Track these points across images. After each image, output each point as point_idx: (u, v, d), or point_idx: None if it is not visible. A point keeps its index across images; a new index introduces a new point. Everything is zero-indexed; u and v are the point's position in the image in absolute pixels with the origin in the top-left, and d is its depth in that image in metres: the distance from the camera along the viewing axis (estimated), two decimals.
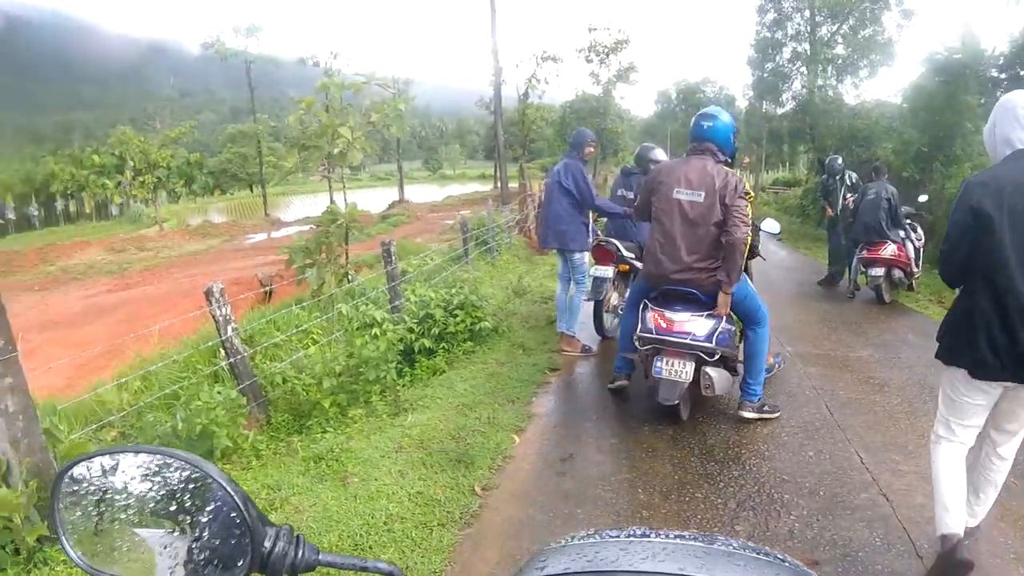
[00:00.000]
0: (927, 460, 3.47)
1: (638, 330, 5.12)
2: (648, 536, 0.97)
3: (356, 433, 5.18)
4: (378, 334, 6.22)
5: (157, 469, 0.96)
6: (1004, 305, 2.94)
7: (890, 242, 9.57)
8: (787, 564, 0.96)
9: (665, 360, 4.96)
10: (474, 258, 12.49)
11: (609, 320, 7.58)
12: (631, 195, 7.34)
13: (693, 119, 5.26)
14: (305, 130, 10.26)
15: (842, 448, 4.83)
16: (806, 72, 23.09)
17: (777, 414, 5.35)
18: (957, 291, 3.35)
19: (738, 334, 5.34)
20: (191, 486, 0.95)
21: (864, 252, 9.75)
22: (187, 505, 0.95)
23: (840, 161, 11.77)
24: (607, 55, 41.93)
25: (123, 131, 51.34)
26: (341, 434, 5.13)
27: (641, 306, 5.22)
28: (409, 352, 6.74)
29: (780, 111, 28.85)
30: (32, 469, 3.59)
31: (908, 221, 10.02)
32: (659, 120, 70.71)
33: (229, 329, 5.39)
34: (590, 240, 7.10)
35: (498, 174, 33.89)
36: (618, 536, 0.98)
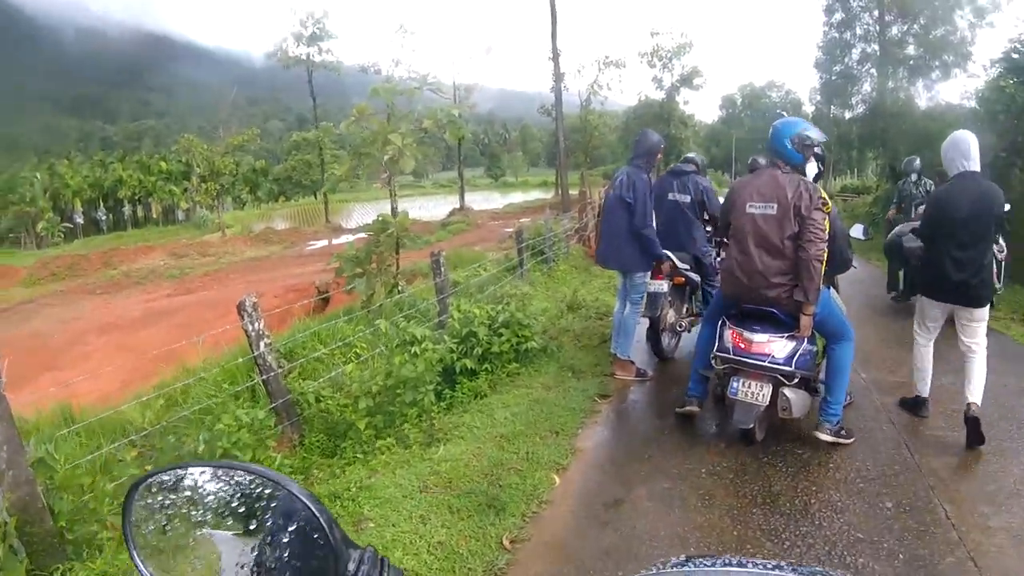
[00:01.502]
0: (1020, 514, 3.94)
1: (715, 348, 4.96)
2: (744, 566, 0.94)
3: (382, 466, 4.85)
4: (417, 352, 5.90)
5: (236, 485, 0.95)
6: (951, 261, 5.13)
7: None
8: None
9: (742, 382, 4.78)
10: (530, 268, 12.13)
11: (667, 339, 7.13)
12: (687, 198, 6.91)
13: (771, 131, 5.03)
14: (357, 137, 10.14)
15: (924, 499, 4.31)
16: (876, 74, 22.24)
17: (852, 440, 5.02)
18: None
19: (819, 353, 5.10)
20: (272, 504, 0.94)
21: None
22: (267, 523, 0.94)
23: (918, 162, 11.06)
24: (670, 59, 41.44)
25: (188, 138, 52.52)
26: (365, 466, 4.85)
27: (720, 323, 5.04)
28: (451, 372, 6.40)
29: (849, 115, 28.05)
30: (17, 503, 3.37)
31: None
32: (724, 126, 69.68)
33: (262, 345, 5.19)
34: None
35: (559, 181, 33.49)
36: (712, 564, 0.96)
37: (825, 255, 4.60)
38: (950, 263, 5.11)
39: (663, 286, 6.62)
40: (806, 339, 4.74)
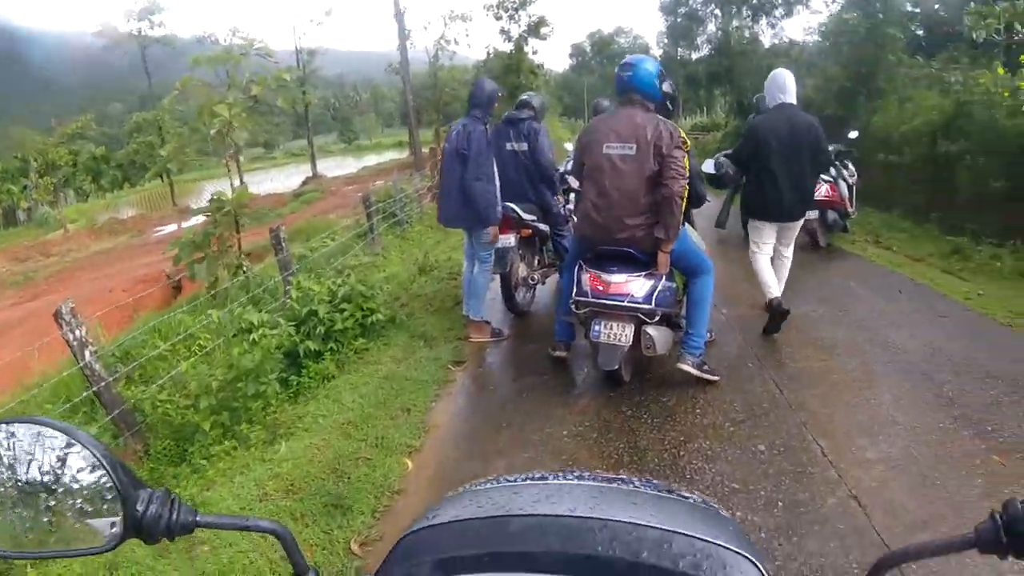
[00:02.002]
0: (899, 444, 3.90)
1: (574, 293, 4.81)
2: (546, 478, 0.98)
3: (220, 475, 4.27)
4: (256, 340, 5.32)
5: (27, 440, 0.92)
6: (772, 185, 5.67)
7: (822, 181, 8.83)
8: (691, 500, 0.98)
9: (603, 323, 4.67)
10: (381, 233, 11.51)
11: (520, 294, 6.77)
12: (524, 146, 6.44)
13: (616, 71, 4.86)
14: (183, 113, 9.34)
15: (797, 437, 4.10)
16: (720, 14, 22.34)
17: (717, 378, 4.93)
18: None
19: (680, 290, 5.02)
20: (59, 453, 0.92)
21: None
22: (58, 472, 0.91)
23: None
24: (516, 10, 40.78)
25: (21, 131, 48.39)
26: (203, 477, 4.29)
27: (576, 267, 4.89)
28: (296, 356, 5.81)
29: (695, 55, 28.36)
30: None
31: (838, 159, 9.27)
32: (574, 74, 70.15)
33: (87, 354, 4.62)
34: (499, 211, 6.08)
35: (412, 140, 32.60)
36: (515, 480, 0.99)
37: (686, 192, 4.50)
38: (771, 187, 5.69)
39: (510, 240, 6.23)
40: (664, 276, 4.67)
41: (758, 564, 0.84)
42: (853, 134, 9.83)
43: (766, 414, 4.41)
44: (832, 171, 8.98)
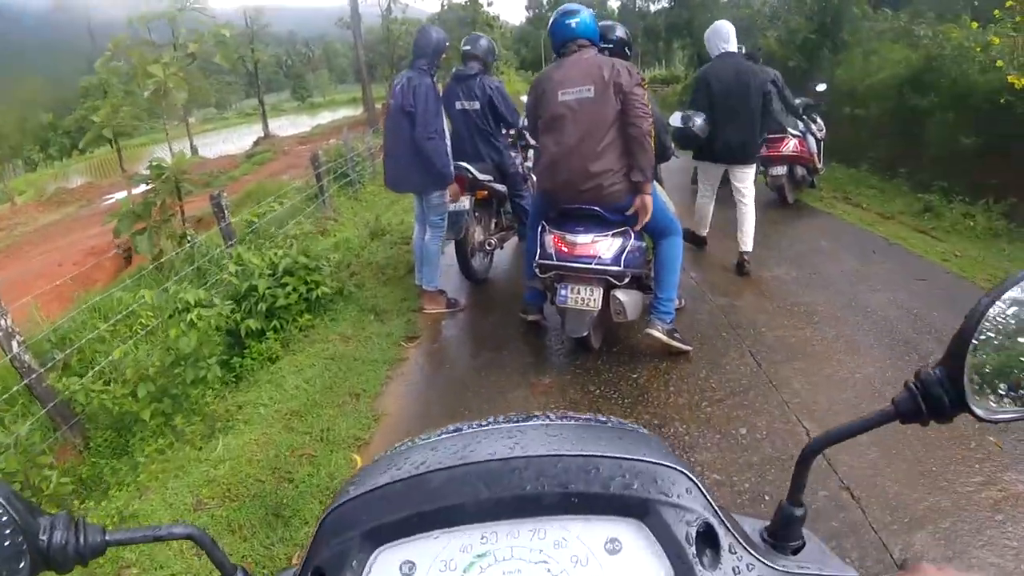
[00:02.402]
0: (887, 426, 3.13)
1: (537, 256, 4.49)
2: (460, 430, 0.95)
3: (152, 479, 3.83)
4: (194, 321, 4.84)
5: None
6: (716, 127, 5.87)
7: (790, 136, 8.50)
8: (609, 425, 0.97)
9: (570, 288, 4.35)
10: (333, 193, 10.96)
11: (477, 260, 6.32)
12: (475, 105, 5.94)
13: (553, 22, 4.53)
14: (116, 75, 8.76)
15: (781, 417, 3.78)
16: None
17: (688, 348, 4.63)
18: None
19: (648, 251, 4.71)
20: None
21: (763, 150, 8.61)
22: None
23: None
24: None
25: None
26: (133, 483, 3.86)
27: (539, 228, 4.56)
28: (239, 336, 5.33)
29: (654, 7, 27.84)
30: None
31: (805, 113, 8.92)
32: (532, 27, 69.29)
33: (14, 344, 4.17)
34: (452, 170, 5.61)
35: (365, 96, 31.67)
36: (429, 438, 0.95)
37: (653, 132, 4.24)
38: (718, 130, 5.91)
39: (464, 203, 5.77)
40: (633, 235, 4.36)
41: (687, 473, 0.82)
42: (821, 87, 9.47)
43: (745, 392, 4.09)
44: (800, 125, 8.64)
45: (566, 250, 4.32)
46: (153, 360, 4.59)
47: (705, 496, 0.82)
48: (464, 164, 5.75)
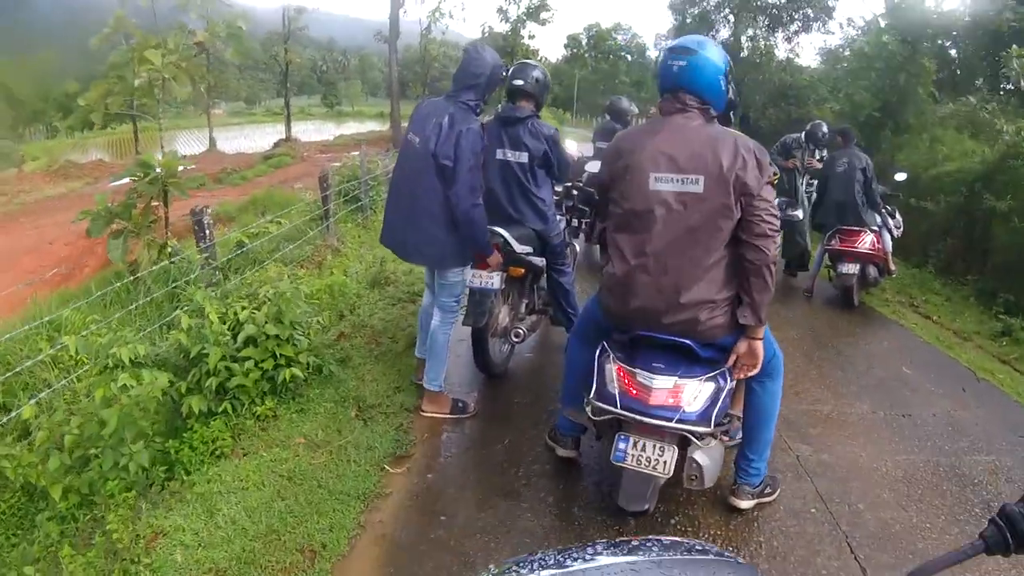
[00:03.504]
0: None
1: (592, 391, 3.17)
2: (563, 563, 0.89)
3: None
4: (128, 386, 3.63)
5: None
6: None
7: (868, 230, 7.41)
8: (709, 556, 0.96)
9: (633, 442, 3.09)
10: (340, 218, 9.83)
11: (497, 348, 4.99)
12: (523, 157, 4.67)
13: (661, 58, 3.17)
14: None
15: None
16: (733, 20, 20.83)
17: (776, 494, 3.68)
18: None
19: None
20: None
21: (835, 242, 7.53)
22: None
23: (826, 129, 9.27)
24: None
25: None
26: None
27: (600, 351, 3.27)
28: (184, 411, 4.08)
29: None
30: None
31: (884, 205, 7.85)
32: (568, 65, 68.95)
33: None
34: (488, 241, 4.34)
35: (393, 113, 30.73)
36: (525, 569, 0.89)
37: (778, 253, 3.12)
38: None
39: (493, 280, 4.44)
40: (728, 376, 3.13)
41: None
42: (901, 176, 8.36)
43: None
44: (877, 218, 7.56)
45: (636, 393, 3.06)
46: (72, 427, 3.47)
47: None
48: (499, 230, 4.47)
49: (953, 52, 16.45)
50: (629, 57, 71.94)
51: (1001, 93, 14.45)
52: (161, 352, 4.45)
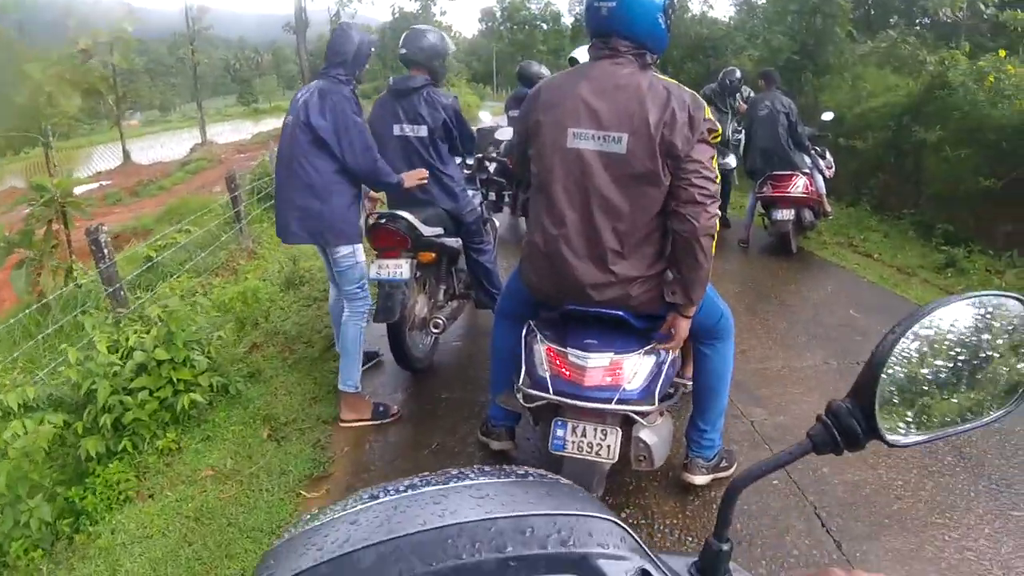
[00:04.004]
0: None
1: (521, 377, 2.87)
2: (378, 496, 0.88)
3: None
4: (17, 433, 3.24)
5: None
6: None
7: (799, 173, 7.16)
8: (531, 478, 0.95)
9: (572, 427, 2.75)
10: (254, 219, 9.29)
11: (417, 341, 4.57)
12: (422, 131, 4.27)
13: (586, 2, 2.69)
14: None
15: None
16: None
17: (733, 468, 3.30)
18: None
19: (681, 359, 3.12)
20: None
21: (767, 189, 7.27)
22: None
23: (739, 75, 9.03)
24: None
25: None
26: None
27: (525, 332, 2.95)
28: (82, 454, 3.61)
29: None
30: None
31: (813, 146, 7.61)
32: (483, 39, 68.41)
33: None
34: (362, 221, 4.06)
35: None
36: (345, 509, 0.88)
37: (717, 221, 2.59)
38: None
39: (402, 270, 4.01)
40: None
41: (618, 522, 0.83)
42: (828, 115, 8.15)
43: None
44: (807, 160, 7.31)
45: (569, 375, 2.72)
46: None
47: (638, 543, 0.81)
48: (402, 214, 4.05)
49: None
50: (545, 26, 71.49)
51: (918, 26, 14.48)
52: (55, 391, 3.97)
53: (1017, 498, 3.18)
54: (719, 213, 2.60)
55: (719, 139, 2.62)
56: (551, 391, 2.72)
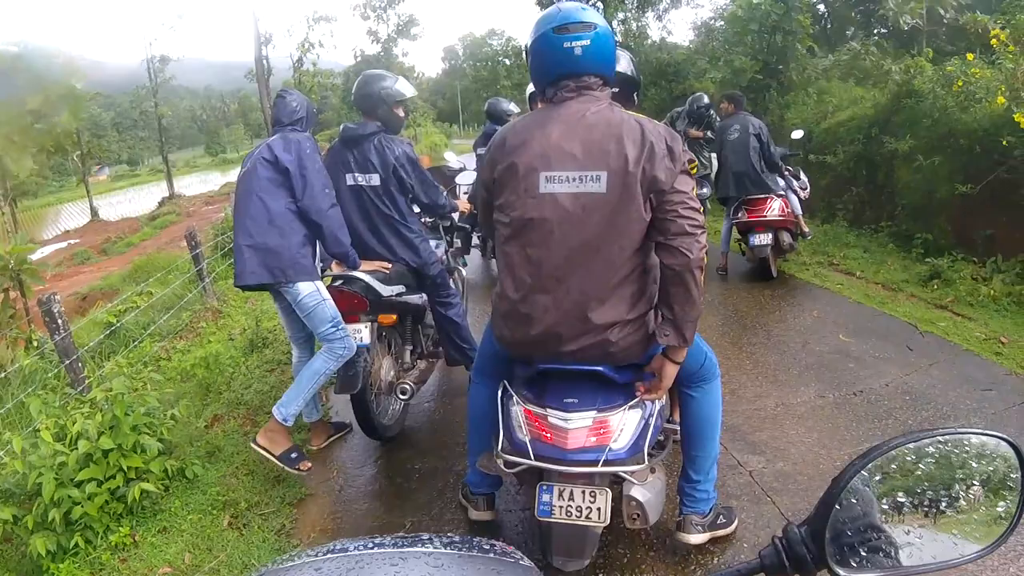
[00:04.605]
0: None
1: (499, 441, 2.63)
2: (347, 550, 0.94)
3: None
4: None
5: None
6: None
7: (774, 196, 6.98)
8: (491, 555, 0.96)
9: (558, 492, 2.53)
10: (218, 275, 9.00)
11: (386, 407, 4.27)
12: (374, 179, 4.05)
13: (540, 39, 2.52)
14: None
15: None
16: (603, 5, 20.57)
17: (733, 526, 3.06)
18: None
19: (668, 405, 2.98)
20: None
21: (742, 214, 7.09)
22: None
23: (706, 100, 8.92)
24: (384, 9, 38.55)
25: None
26: None
27: (501, 392, 2.75)
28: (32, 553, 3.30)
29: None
30: None
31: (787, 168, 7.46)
32: (447, 78, 68.82)
33: None
34: (318, 264, 3.89)
35: None
36: (315, 555, 0.94)
37: (705, 254, 2.45)
38: None
39: (362, 334, 3.80)
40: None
41: None
42: (798, 134, 8.06)
43: None
44: (781, 182, 7.14)
45: (550, 438, 2.51)
46: None
47: None
48: (358, 275, 3.83)
49: (822, 7, 16.55)
50: (507, 61, 72.02)
51: (876, 36, 14.52)
52: (3, 482, 3.67)
53: None
54: (707, 244, 2.44)
55: (696, 170, 2.45)
56: (532, 456, 2.51)
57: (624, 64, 3.04)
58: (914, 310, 6.11)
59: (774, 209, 6.91)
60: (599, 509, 2.50)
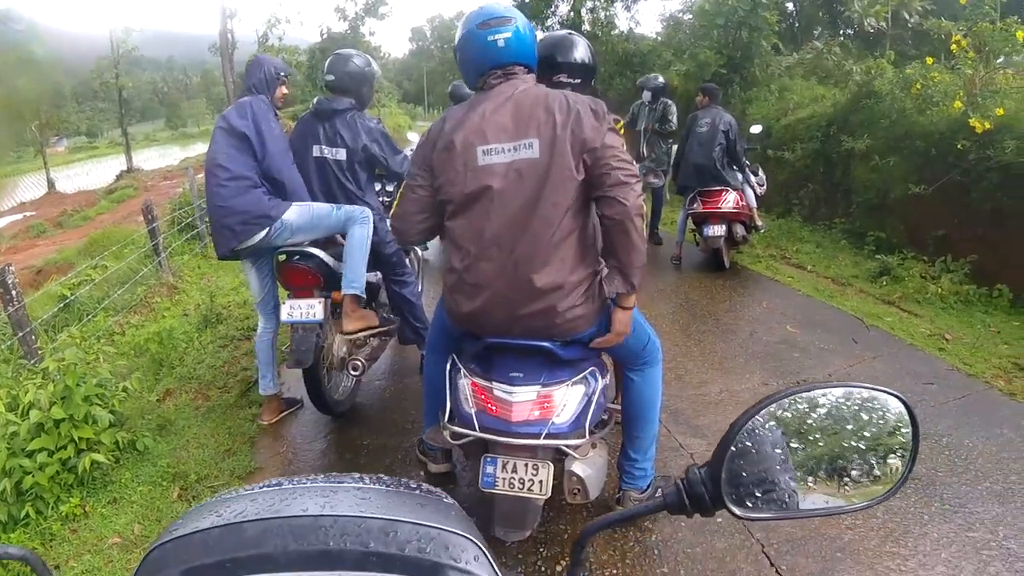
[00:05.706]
0: None
1: (446, 413, 2.74)
2: (281, 484, 0.98)
3: None
4: None
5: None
6: None
7: (730, 189, 7.08)
8: (417, 492, 1.01)
9: (501, 464, 2.63)
10: (175, 251, 8.91)
11: (337, 383, 4.33)
12: (341, 154, 4.09)
13: (467, 36, 2.68)
14: None
15: None
16: None
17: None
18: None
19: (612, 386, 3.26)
20: None
21: (697, 205, 7.18)
22: None
23: (661, 81, 8.92)
24: None
25: None
26: None
27: (449, 366, 2.88)
28: None
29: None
30: None
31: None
32: (414, 59, 68.30)
33: None
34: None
35: None
36: (251, 489, 0.99)
37: (643, 202, 2.54)
38: None
39: (315, 310, 3.80)
40: (599, 372, 2.78)
41: (476, 542, 0.89)
42: (756, 128, 8.15)
43: None
44: (739, 176, 7.25)
45: (495, 410, 2.61)
46: None
47: (491, 564, 0.88)
48: (313, 250, 3.87)
49: (790, 5, 16.72)
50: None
51: (842, 37, 14.72)
52: None
53: (971, 518, 3.08)
54: (643, 193, 2.58)
55: (622, 126, 2.55)
56: (477, 427, 2.62)
57: (581, 52, 3.10)
58: (862, 305, 6.23)
59: (729, 201, 7.02)
60: (541, 482, 2.59)
